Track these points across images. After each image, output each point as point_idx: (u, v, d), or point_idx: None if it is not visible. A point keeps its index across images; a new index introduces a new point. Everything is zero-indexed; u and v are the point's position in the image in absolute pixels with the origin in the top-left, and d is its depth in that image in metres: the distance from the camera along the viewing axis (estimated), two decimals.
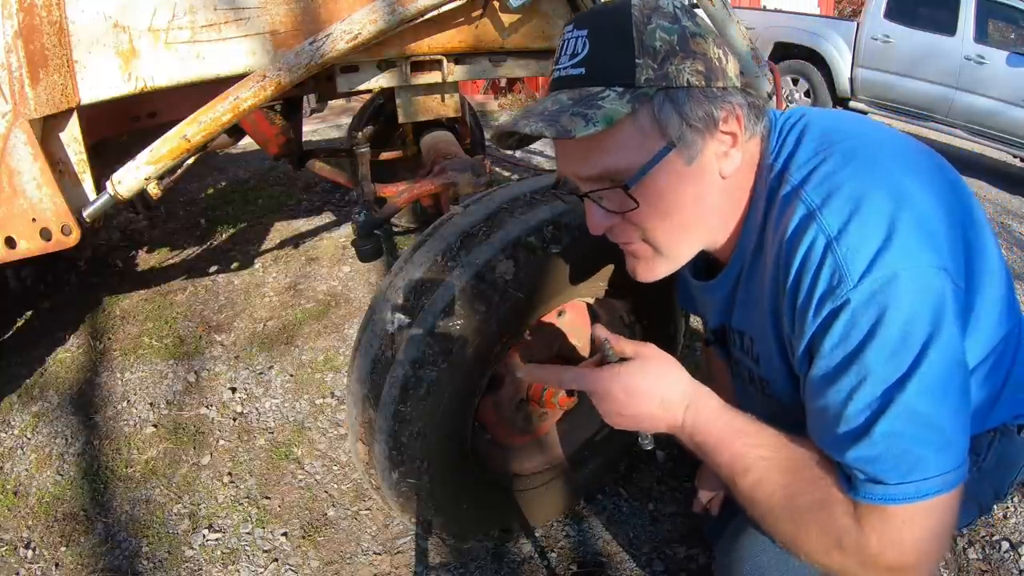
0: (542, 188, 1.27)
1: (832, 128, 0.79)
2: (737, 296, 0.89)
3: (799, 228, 0.71)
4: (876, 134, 0.79)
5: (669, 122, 0.73)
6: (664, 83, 0.72)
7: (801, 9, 9.01)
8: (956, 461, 0.67)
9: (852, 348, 0.67)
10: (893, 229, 0.66)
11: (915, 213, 0.68)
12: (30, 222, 1.28)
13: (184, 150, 1.35)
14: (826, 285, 0.68)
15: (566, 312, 1.36)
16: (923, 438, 0.66)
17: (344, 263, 2.90)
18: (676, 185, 0.76)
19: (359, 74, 1.61)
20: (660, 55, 0.72)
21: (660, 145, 0.74)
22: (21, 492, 1.70)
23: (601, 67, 0.74)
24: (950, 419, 0.67)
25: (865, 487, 0.68)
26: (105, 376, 2.15)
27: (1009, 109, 5.02)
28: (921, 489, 0.66)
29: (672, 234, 0.81)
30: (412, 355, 1.09)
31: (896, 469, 0.66)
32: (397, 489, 1.20)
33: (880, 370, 0.66)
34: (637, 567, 1.46)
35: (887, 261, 0.65)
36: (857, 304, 0.66)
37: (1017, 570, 1.45)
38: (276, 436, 1.89)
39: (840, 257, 0.67)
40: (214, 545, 1.54)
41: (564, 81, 0.77)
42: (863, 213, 0.68)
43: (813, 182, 0.73)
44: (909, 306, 0.65)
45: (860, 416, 0.67)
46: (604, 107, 0.71)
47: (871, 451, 0.67)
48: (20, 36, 1.18)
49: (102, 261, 2.90)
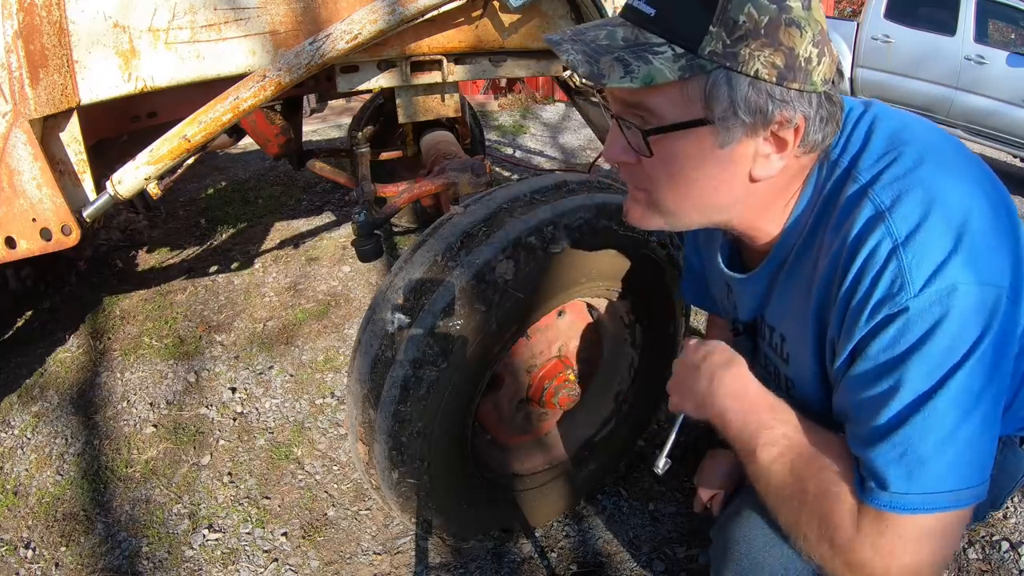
0: (542, 188, 1.27)
1: (901, 127, 0.76)
2: (775, 290, 0.87)
3: (866, 228, 0.69)
4: (941, 138, 0.76)
5: (717, 101, 0.67)
6: (729, 63, 0.66)
7: None
8: (973, 480, 0.66)
9: (897, 354, 0.66)
10: (959, 241, 0.65)
11: (981, 226, 0.67)
12: (30, 222, 1.28)
13: (184, 150, 1.35)
14: (885, 290, 0.66)
15: (566, 312, 1.36)
16: (943, 450, 0.65)
17: (344, 263, 2.90)
18: (696, 160, 0.72)
19: (359, 74, 1.61)
20: (738, 32, 0.65)
21: (697, 115, 0.69)
22: (21, 492, 1.70)
23: (672, 16, 0.68)
24: (975, 437, 0.66)
25: (873, 491, 0.67)
26: (105, 376, 2.15)
27: (1009, 109, 5.02)
28: (928, 502, 0.65)
29: (675, 201, 0.78)
30: (412, 355, 1.09)
31: (909, 477, 0.66)
32: (397, 489, 1.20)
33: (918, 379, 0.65)
34: (637, 567, 1.46)
35: (950, 273, 0.64)
36: (914, 313, 0.65)
37: (1017, 570, 1.45)
38: (276, 436, 1.89)
39: (904, 264, 0.65)
40: (214, 545, 1.54)
41: (631, 13, 0.71)
42: (932, 220, 0.66)
43: (883, 182, 0.70)
44: (959, 322, 0.64)
45: (887, 420, 0.67)
46: (652, 64, 0.66)
47: (889, 453, 0.66)
48: (20, 36, 1.18)
49: (102, 261, 2.90)
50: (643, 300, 1.38)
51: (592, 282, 1.25)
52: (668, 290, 1.39)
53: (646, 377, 1.49)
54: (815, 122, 0.70)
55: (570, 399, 1.35)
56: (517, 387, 1.35)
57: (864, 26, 5.73)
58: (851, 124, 0.77)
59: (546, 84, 6.21)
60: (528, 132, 5.28)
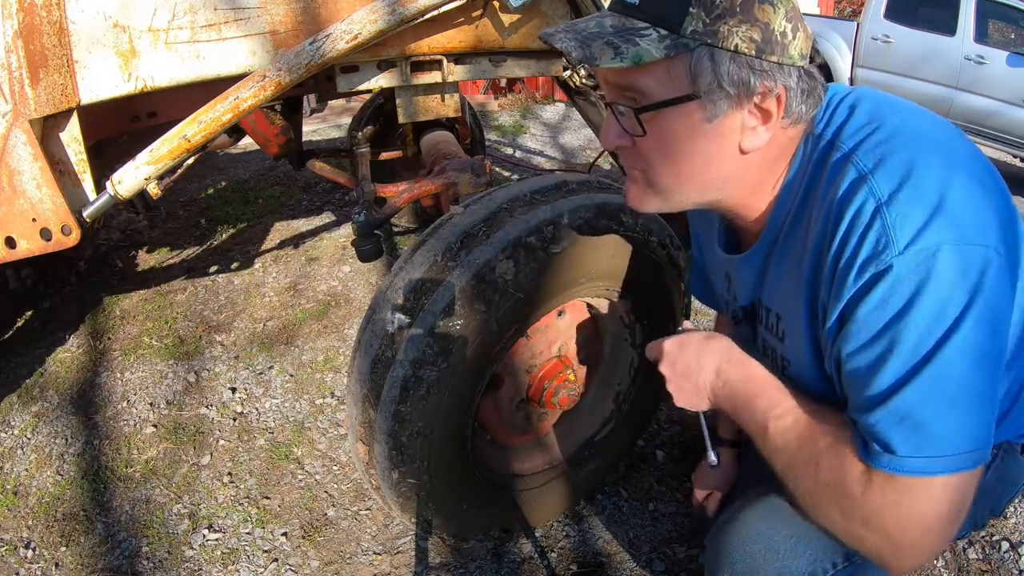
0: (542, 188, 1.27)
1: (884, 103, 0.78)
2: (770, 269, 0.88)
3: (849, 190, 0.70)
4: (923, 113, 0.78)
5: (701, 76, 0.71)
6: (710, 40, 0.70)
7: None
8: (975, 442, 0.67)
9: (889, 316, 0.67)
10: (943, 199, 0.66)
11: (967, 187, 0.67)
12: (30, 222, 1.28)
13: (184, 150, 1.35)
14: (871, 249, 0.67)
15: (566, 312, 1.36)
16: (944, 414, 0.66)
17: (344, 263, 2.90)
18: (687, 135, 0.75)
19: (359, 74, 1.61)
20: (716, 10, 0.70)
21: (685, 91, 0.73)
22: (21, 492, 1.70)
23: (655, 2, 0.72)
24: (974, 400, 0.66)
25: (878, 454, 0.69)
26: (105, 376, 2.15)
27: (1009, 109, 5.02)
28: (935, 464, 0.66)
29: (671, 179, 0.80)
30: (412, 355, 1.09)
31: (911, 441, 0.67)
32: (397, 489, 1.20)
33: (912, 340, 0.66)
34: (637, 567, 1.46)
35: (934, 231, 0.65)
36: (899, 272, 0.65)
37: (1017, 570, 1.45)
38: (276, 436, 1.89)
39: (888, 222, 0.66)
40: (214, 545, 1.54)
41: (618, 4, 0.76)
42: (915, 179, 0.67)
43: (866, 147, 0.72)
44: (948, 282, 0.64)
45: (885, 383, 0.68)
46: (639, 45, 0.70)
47: (889, 418, 0.67)
48: (20, 36, 1.18)
49: (102, 261, 2.90)
50: (643, 300, 1.38)
51: (592, 282, 1.25)
52: (668, 290, 1.39)
53: (646, 377, 1.49)
54: (796, 93, 0.73)
55: (570, 399, 1.35)
56: (517, 387, 1.35)
57: (864, 26, 5.74)
58: (836, 102, 0.80)
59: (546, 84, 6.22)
60: (528, 132, 5.28)
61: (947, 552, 1.48)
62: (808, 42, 0.75)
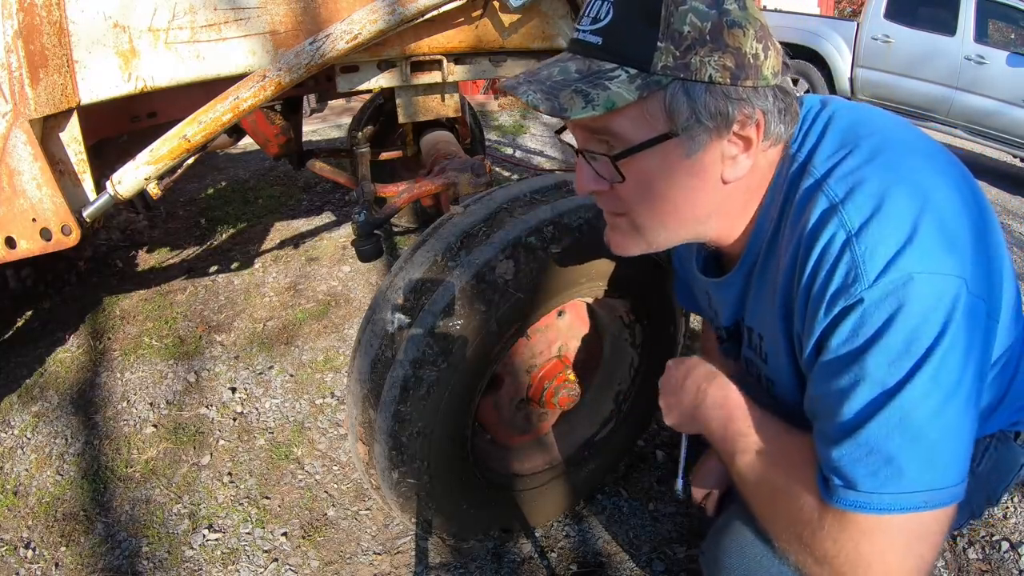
0: (542, 188, 1.27)
1: (859, 121, 0.76)
2: (751, 291, 0.87)
3: (820, 222, 0.69)
4: (902, 131, 0.76)
5: (678, 112, 0.68)
6: (683, 74, 0.67)
7: (801, 9, 9.00)
8: (946, 480, 0.64)
9: (856, 347, 0.65)
10: (915, 231, 0.64)
11: (938, 216, 0.65)
12: (30, 222, 1.28)
13: (184, 150, 1.35)
14: (841, 282, 0.66)
15: (566, 312, 1.36)
16: (910, 450, 0.63)
17: (344, 263, 2.90)
18: (667, 174, 0.73)
19: (359, 74, 1.61)
20: (686, 43, 0.66)
21: (661, 130, 0.70)
22: (21, 492, 1.70)
23: (619, 41, 0.69)
24: (944, 435, 0.64)
25: (837, 491, 0.66)
26: (105, 376, 2.15)
27: (1009, 109, 5.02)
28: (897, 502, 0.64)
29: (654, 219, 0.78)
30: (412, 355, 1.09)
31: (875, 476, 0.64)
32: (397, 489, 1.20)
33: (879, 374, 0.64)
34: (637, 567, 1.46)
35: (904, 263, 0.63)
36: (869, 304, 0.64)
37: (1017, 570, 1.45)
38: (276, 436, 1.89)
39: (858, 255, 0.65)
40: (214, 545, 1.54)
41: (579, 46, 0.72)
42: (886, 211, 0.65)
43: (837, 175, 0.70)
44: (919, 313, 0.63)
45: (851, 416, 0.66)
46: (610, 89, 0.67)
47: (854, 452, 0.65)
48: (20, 36, 1.18)
49: (102, 261, 2.90)
50: (643, 300, 1.38)
51: (592, 282, 1.25)
52: (668, 290, 1.39)
53: (646, 377, 1.49)
54: (774, 114, 0.72)
55: (570, 399, 1.35)
56: (517, 387, 1.35)
57: (864, 26, 5.74)
58: (809, 120, 0.78)
59: None
60: (528, 132, 5.28)
61: (947, 552, 1.48)
62: (779, 58, 0.72)
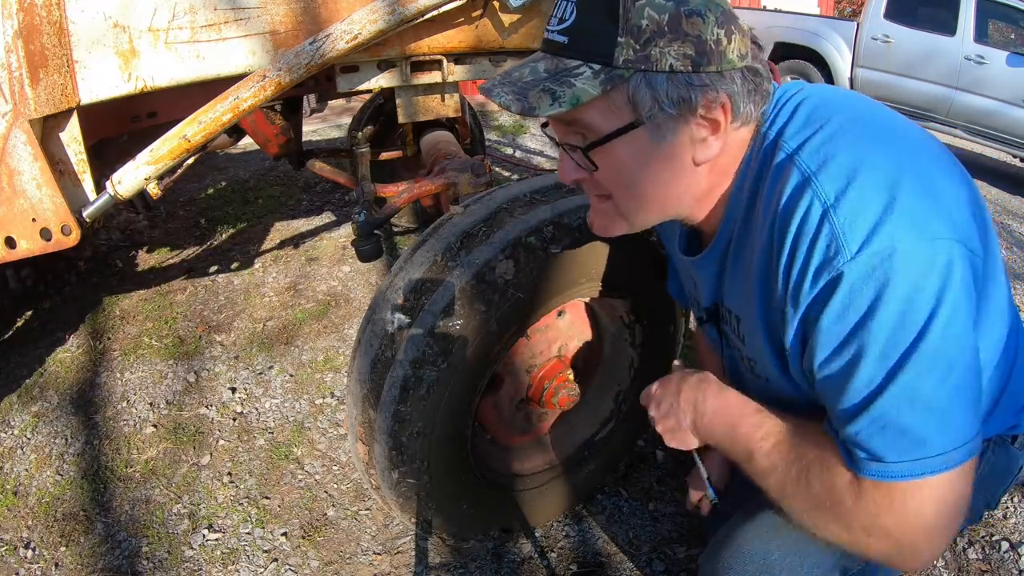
0: (542, 188, 1.27)
1: (830, 98, 0.77)
2: (727, 270, 0.88)
3: (794, 195, 0.69)
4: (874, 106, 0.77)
5: (642, 103, 0.71)
6: (643, 66, 0.69)
7: (801, 9, 9.01)
8: (962, 438, 0.66)
9: (852, 325, 0.65)
10: (894, 196, 0.64)
11: (918, 179, 0.65)
12: (30, 222, 1.28)
13: (184, 150, 1.35)
14: (822, 256, 0.66)
15: (566, 312, 1.36)
16: (924, 418, 0.65)
17: (344, 263, 2.90)
18: (640, 160, 0.75)
19: (359, 74, 1.61)
20: (644, 35, 0.68)
21: (628, 120, 0.73)
22: (21, 492, 1.70)
23: (582, 39, 0.71)
24: (954, 397, 0.65)
25: (864, 464, 0.68)
26: (105, 376, 2.15)
27: (1009, 109, 5.03)
28: (923, 467, 0.65)
29: (633, 201, 0.81)
30: (412, 355, 1.09)
31: (896, 447, 0.66)
32: (397, 489, 1.20)
33: (879, 348, 0.64)
34: (637, 567, 1.46)
35: (886, 231, 0.63)
36: (855, 279, 0.64)
37: (1017, 570, 1.45)
38: (276, 436, 1.89)
39: (837, 226, 0.65)
40: (214, 545, 1.54)
41: (548, 45, 0.76)
42: (862, 179, 0.65)
43: (809, 148, 0.71)
44: (910, 281, 0.62)
45: (860, 393, 0.67)
46: (575, 86, 0.70)
47: (870, 427, 0.67)
48: (20, 36, 1.18)
49: (102, 261, 2.90)
50: (643, 300, 1.38)
51: (592, 282, 1.25)
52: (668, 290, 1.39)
53: (646, 377, 1.49)
54: (742, 95, 0.73)
55: (570, 399, 1.35)
56: (517, 387, 1.35)
57: (864, 26, 5.74)
58: (784, 101, 0.79)
59: None
60: (528, 132, 5.27)
61: (947, 552, 1.48)
62: (745, 40, 0.74)
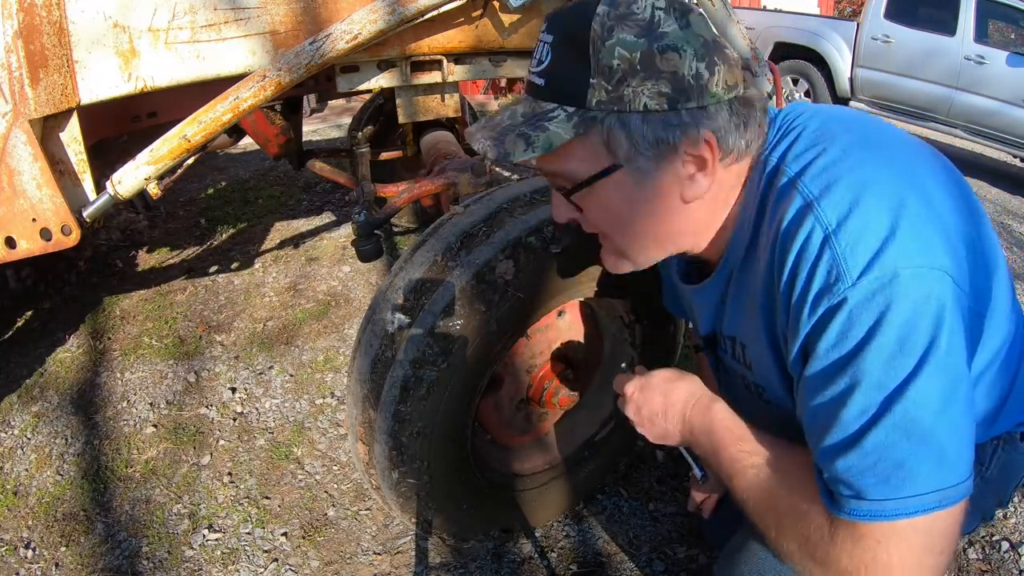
0: (542, 188, 1.27)
1: (831, 120, 0.75)
2: (728, 299, 0.86)
3: (795, 220, 0.67)
4: (878, 127, 0.75)
5: (617, 145, 0.70)
6: (616, 107, 0.68)
7: (801, 9, 9.01)
8: (956, 477, 0.63)
9: (848, 351, 0.63)
10: (896, 224, 0.62)
11: (921, 208, 0.64)
12: (30, 222, 1.28)
13: (184, 150, 1.35)
14: (823, 282, 0.64)
15: (566, 312, 1.36)
16: (919, 452, 0.62)
17: (344, 263, 2.90)
18: (626, 202, 0.74)
19: (359, 74, 1.61)
20: (616, 75, 0.67)
21: (607, 163, 0.71)
22: (21, 492, 1.70)
23: (557, 81, 0.71)
24: (950, 432, 0.62)
25: (847, 502, 0.65)
26: (105, 376, 2.15)
27: (1009, 109, 5.03)
28: (910, 506, 0.62)
29: (627, 241, 0.80)
30: (412, 355, 1.09)
31: (886, 484, 0.62)
32: (397, 489, 1.20)
33: (876, 377, 0.62)
34: (637, 567, 1.46)
35: (888, 259, 0.61)
36: (855, 304, 0.62)
37: (1017, 570, 1.45)
38: (276, 436, 1.89)
39: (838, 252, 0.63)
40: (214, 545, 1.54)
41: (529, 88, 0.75)
42: (864, 205, 0.64)
43: (811, 172, 0.69)
44: (909, 310, 0.61)
45: (853, 424, 0.64)
46: (548, 130, 0.69)
47: (862, 461, 0.63)
48: (20, 36, 1.18)
49: (102, 261, 2.90)
50: (643, 300, 1.38)
51: (592, 282, 1.25)
52: None
53: None
54: (729, 130, 0.71)
55: (570, 399, 1.35)
56: (517, 387, 1.35)
57: (864, 26, 5.74)
58: (784, 125, 0.78)
59: None
60: None
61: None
62: (734, 70, 0.71)
